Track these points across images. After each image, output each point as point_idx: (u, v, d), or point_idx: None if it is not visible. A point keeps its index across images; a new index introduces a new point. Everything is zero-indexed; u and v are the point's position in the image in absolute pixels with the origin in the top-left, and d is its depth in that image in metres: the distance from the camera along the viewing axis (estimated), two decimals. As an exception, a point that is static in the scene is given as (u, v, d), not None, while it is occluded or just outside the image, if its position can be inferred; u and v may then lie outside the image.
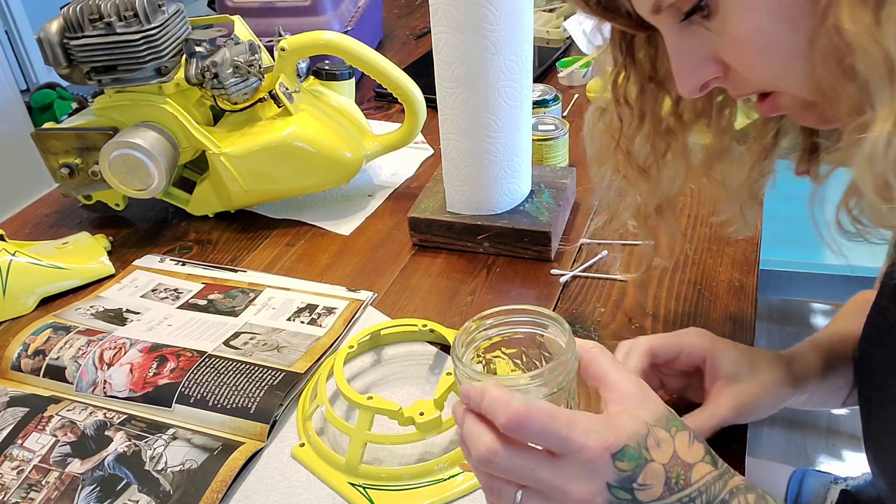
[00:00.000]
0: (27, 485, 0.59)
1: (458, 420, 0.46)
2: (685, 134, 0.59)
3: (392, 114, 1.19)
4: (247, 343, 0.72)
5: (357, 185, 0.98)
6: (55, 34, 0.82)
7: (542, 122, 0.95)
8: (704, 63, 0.47)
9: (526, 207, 0.84)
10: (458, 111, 0.78)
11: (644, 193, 0.62)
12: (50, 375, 0.70)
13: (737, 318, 0.72)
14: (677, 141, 0.59)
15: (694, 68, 0.47)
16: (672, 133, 0.59)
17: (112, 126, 0.88)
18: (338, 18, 1.24)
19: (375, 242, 0.89)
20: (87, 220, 0.98)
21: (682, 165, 0.60)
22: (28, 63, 2.83)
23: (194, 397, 0.65)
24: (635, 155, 0.60)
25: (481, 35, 0.73)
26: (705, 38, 0.45)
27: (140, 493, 0.58)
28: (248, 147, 0.88)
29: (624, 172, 0.61)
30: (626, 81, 0.57)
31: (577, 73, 1.21)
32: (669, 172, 0.60)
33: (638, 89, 0.57)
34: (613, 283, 0.78)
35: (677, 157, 0.60)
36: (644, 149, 0.59)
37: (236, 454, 0.61)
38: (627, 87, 0.57)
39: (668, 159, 0.60)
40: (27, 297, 0.81)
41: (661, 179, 0.60)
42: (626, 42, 0.56)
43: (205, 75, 0.85)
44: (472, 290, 0.79)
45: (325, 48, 0.89)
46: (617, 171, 0.61)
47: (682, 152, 0.60)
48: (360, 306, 0.77)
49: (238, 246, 0.91)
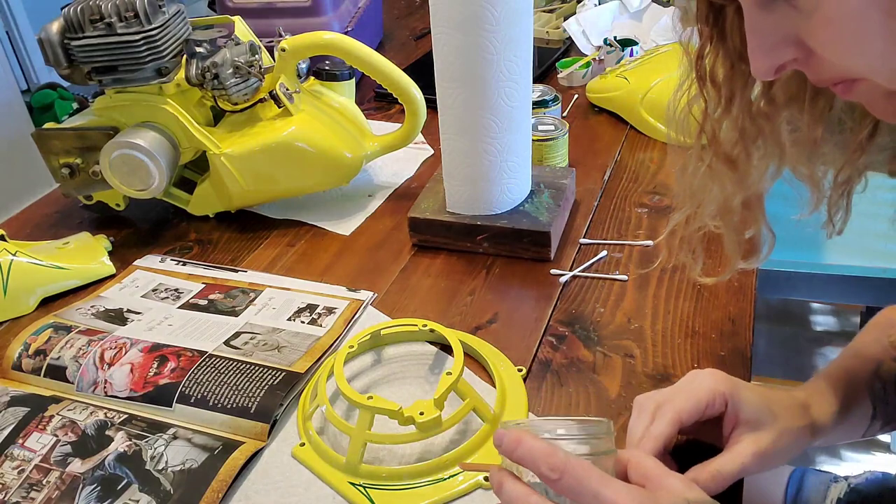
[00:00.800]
0: (28, 484, 0.60)
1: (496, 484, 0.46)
2: (777, 119, 0.53)
3: (392, 114, 1.19)
4: (247, 343, 0.72)
5: (357, 185, 0.99)
6: (56, 34, 0.82)
7: (542, 122, 0.95)
8: (783, 43, 0.43)
9: (526, 207, 0.84)
10: (458, 111, 0.78)
11: (731, 185, 0.56)
12: (51, 375, 0.70)
13: (736, 318, 0.72)
14: (769, 126, 0.53)
15: (771, 48, 0.43)
16: (764, 117, 0.53)
17: (112, 126, 0.88)
18: (338, 19, 1.24)
19: (375, 242, 0.89)
20: (88, 220, 0.98)
21: (775, 154, 0.54)
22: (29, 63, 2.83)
23: (195, 397, 0.65)
24: (722, 142, 0.54)
25: (481, 35, 0.73)
26: (788, 17, 0.42)
27: (141, 492, 0.58)
28: (248, 147, 0.88)
29: (708, 162, 0.56)
30: (713, 58, 0.52)
31: (577, 74, 1.21)
32: (760, 161, 0.55)
33: (727, 68, 0.52)
34: (613, 283, 0.78)
35: (769, 145, 0.54)
36: (732, 135, 0.54)
37: (237, 454, 0.61)
38: (714, 65, 0.52)
39: (758, 147, 0.54)
40: (28, 297, 0.82)
41: (751, 169, 0.55)
42: (714, 14, 0.50)
43: (205, 76, 0.86)
44: (472, 290, 0.79)
45: (326, 48, 0.90)
46: (700, 160, 0.56)
47: (774, 139, 0.54)
48: (360, 306, 0.77)
49: (238, 246, 0.91)
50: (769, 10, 0.42)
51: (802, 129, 0.54)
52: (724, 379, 0.54)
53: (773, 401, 0.55)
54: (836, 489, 0.79)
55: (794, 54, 0.43)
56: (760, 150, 0.54)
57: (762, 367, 1.84)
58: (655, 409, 0.54)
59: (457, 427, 0.62)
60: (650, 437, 0.52)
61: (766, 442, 0.52)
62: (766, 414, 0.53)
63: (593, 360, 0.69)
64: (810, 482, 0.81)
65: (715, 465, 0.51)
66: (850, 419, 0.58)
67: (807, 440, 0.55)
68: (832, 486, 0.80)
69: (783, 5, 0.41)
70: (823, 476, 0.82)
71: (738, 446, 0.52)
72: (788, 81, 0.52)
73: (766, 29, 0.43)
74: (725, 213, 0.58)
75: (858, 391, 0.59)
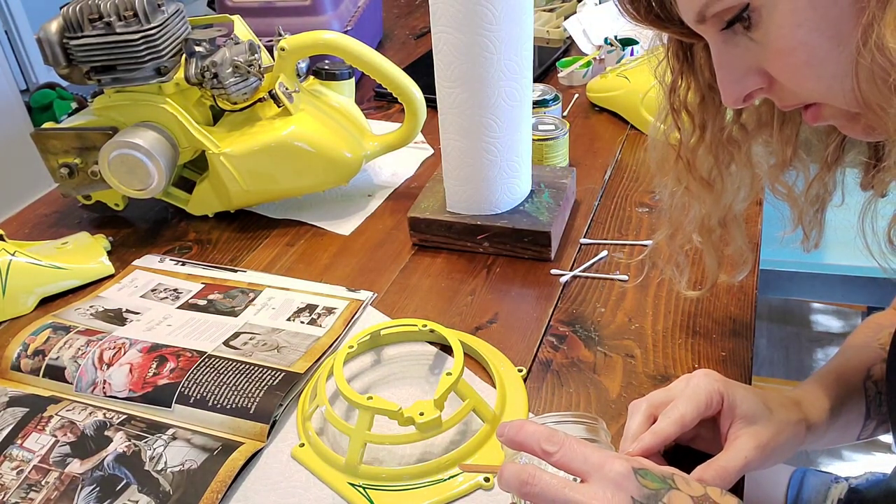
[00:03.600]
0: (27, 485, 0.59)
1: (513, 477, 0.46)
2: (749, 144, 0.58)
3: (392, 114, 1.19)
4: (246, 343, 0.72)
5: (357, 185, 0.98)
6: (55, 34, 0.82)
7: (542, 122, 0.95)
8: (748, 74, 0.47)
9: (526, 207, 0.84)
10: (458, 111, 0.78)
11: (708, 206, 0.60)
12: (49, 375, 0.70)
13: (737, 318, 0.72)
14: (741, 151, 0.57)
15: (737, 79, 0.47)
16: (736, 143, 0.57)
17: (112, 126, 0.88)
18: (338, 18, 1.23)
19: (375, 242, 0.89)
20: (87, 220, 0.98)
21: (748, 177, 0.58)
22: (28, 63, 2.84)
23: (194, 397, 0.65)
24: (698, 167, 0.58)
25: (481, 35, 0.72)
26: (750, 49, 0.45)
27: (140, 493, 0.58)
28: (247, 147, 0.88)
29: (686, 184, 0.59)
30: (686, 90, 0.56)
31: (577, 73, 1.21)
32: (734, 184, 0.59)
33: (699, 99, 0.56)
34: (613, 284, 0.78)
35: (742, 169, 0.58)
36: (707, 160, 0.58)
37: (236, 454, 0.60)
38: (688, 97, 0.56)
39: (732, 171, 0.58)
40: (27, 297, 0.81)
41: (726, 191, 0.59)
42: (684, 50, 0.55)
43: (204, 75, 0.85)
44: (472, 290, 0.79)
45: (325, 48, 0.89)
46: (678, 182, 0.60)
47: (746, 163, 0.58)
48: (359, 306, 0.77)
49: (238, 246, 0.91)
50: (733, 43, 0.46)
51: (775, 152, 0.58)
52: (719, 378, 0.55)
53: (766, 398, 0.56)
54: (836, 490, 0.79)
55: (759, 83, 0.47)
56: (734, 173, 0.58)
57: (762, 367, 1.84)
58: (648, 409, 0.54)
59: (457, 427, 0.62)
60: (652, 433, 0.52)
61: (766, 435, 0.53)
62: (762, 409, 0.54)
63: (594, 361, 0.68)
64: (811, 483, 0.81)
65: (720, 462, 0.51)
66: (843, 418, 0.59)
67: (802, 437, 0.56)
68: (833, 487, 0.80)
69: (744, 39, 0.45)
70: (824, 477, 0.82)
71: (739, 441, 0.52)
72: (758, 109, 0.56)
73: (732, 62, 0.47)
74: (704, 232, 0.62)
75: (851, 391, 0.60)
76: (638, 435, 0.53)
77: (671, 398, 0.54)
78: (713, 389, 0.54)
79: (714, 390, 0.54)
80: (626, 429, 0.55)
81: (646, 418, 0.54)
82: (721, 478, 0.50)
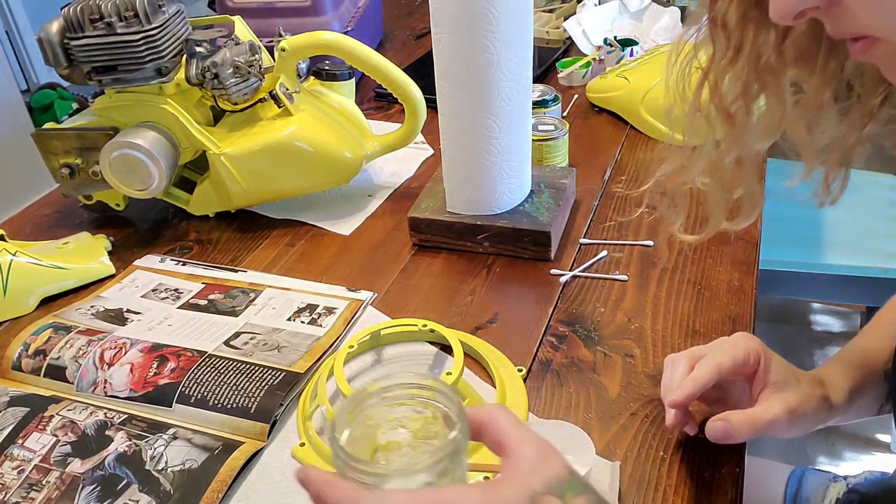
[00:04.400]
0: (28, 484, 0.60)
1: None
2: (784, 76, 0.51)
3: (392, 114, 1.19)
4: (247, 343, 0.72)
5: (357, 185, 0.98)
6: (55, 34, 0.82)
7: (542, 122, 0.95)
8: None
9: (526, 207, 0.84)
10: (458, 111, 0.78)
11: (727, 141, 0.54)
12: (50, 375, 0.70)
13: (737, 318, 0.72)
14: (774, 83, 0.51)
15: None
16: (770, 72, 0.50)
17: (112, 126, 0.88)
18: (338, 19, 1.24)
19: (375, 242, 0.89)
20: (88, 220, 0.98)
21: (776, 114, 0.52)
22: (28, 63, 2.84)
23: (195, 397, 0.65)
24: (724, 94, 0.52)
25: (481, 35, 0.73)
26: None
27: (140, 492, 0.58)
28: (248, 147, 0.88)
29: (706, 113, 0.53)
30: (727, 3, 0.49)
31: (577, 73, 1.21)
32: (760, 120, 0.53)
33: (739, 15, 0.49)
34: (613, 283, 0.78)
35: (771, 103, 0.52)
36: (734, 87, 0.51)
37: (237, 454, 0.61)
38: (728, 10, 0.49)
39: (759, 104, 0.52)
40: (28, 297, 0.81)
41: (748, 127, 0.53)
42: None
43: (205, 75, 0.86)
44: (472, 290, 0.79)
45: (326, 48, 0.90)
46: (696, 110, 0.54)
47: (777, 98, 0.51)
48: (360, 306, 0.77)
49: (238, 246, 0.91)
50: None
51: (809, 92, 0.52)
52: (758, 340, 0.57)
53: (796, 371, 0.58)
54: (835, 489, 0.79)
55: (818, 1, 0.41)
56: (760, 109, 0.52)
57: (762, 366, 1.83)
58: (690, 362, 0.57)
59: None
60: (690, 380, 0.55)
61: (795, 401, 0.55)
62: (793, 378, 0.57)
63: (594, 360, 0.69)
64: (810, 481, 0.81)
65: (748, 413, 0.54)
66: (862, 399, 0.60)
67: (825, 412, 0.58)
68: (831, 486, 0.80)
69: None
70: (823, 476, 0.82)
71: (770, 402, 0.55)
72: (801, 37, 0.49)
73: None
74: (715, 170, 0.56)
75: (874, 371, 0.60)
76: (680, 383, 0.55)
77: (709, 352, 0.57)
78: (751, 348, 0.56)
79: (752, 349, 0.56)
80: (666, 380, 0.58)
81: (688, 370, 0.56)
82: (746, 425, 0.53)
